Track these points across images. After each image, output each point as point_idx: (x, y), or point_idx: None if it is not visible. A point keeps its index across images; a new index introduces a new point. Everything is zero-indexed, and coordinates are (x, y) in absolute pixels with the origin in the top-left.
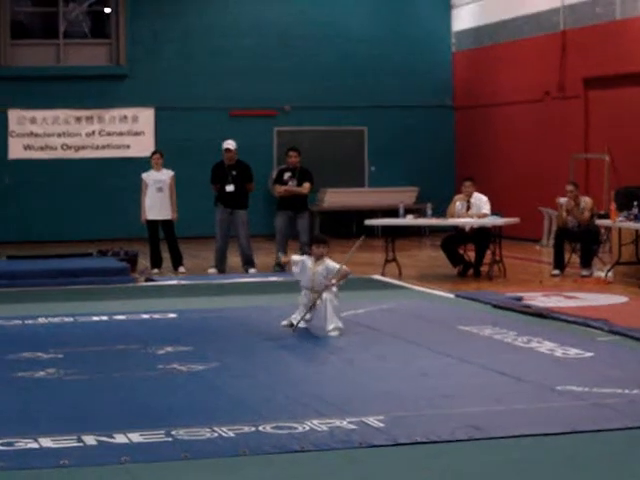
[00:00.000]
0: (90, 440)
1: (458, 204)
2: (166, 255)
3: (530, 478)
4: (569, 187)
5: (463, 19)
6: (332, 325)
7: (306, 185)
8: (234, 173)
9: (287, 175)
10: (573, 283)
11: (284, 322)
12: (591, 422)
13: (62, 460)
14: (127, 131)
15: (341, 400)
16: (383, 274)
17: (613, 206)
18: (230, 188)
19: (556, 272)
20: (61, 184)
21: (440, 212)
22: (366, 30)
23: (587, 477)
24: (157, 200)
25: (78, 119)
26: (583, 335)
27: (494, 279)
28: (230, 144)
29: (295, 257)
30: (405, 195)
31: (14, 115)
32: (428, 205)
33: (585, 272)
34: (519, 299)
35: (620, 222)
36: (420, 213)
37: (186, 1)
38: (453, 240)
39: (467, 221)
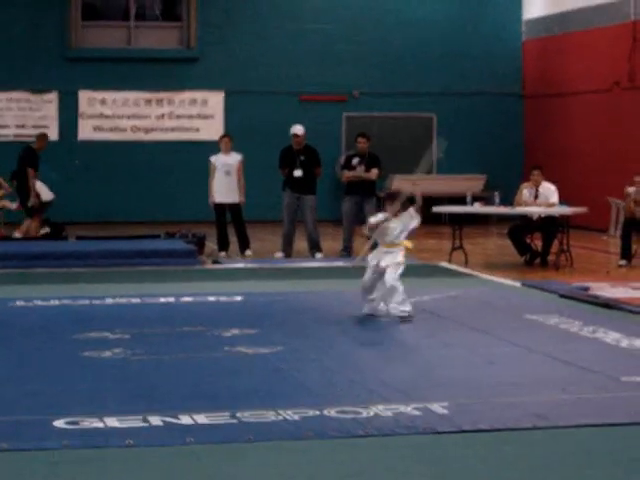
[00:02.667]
0: (156, 420)
1: (526, 192)
2: (233, 238)
3: (593, 467)
4: (638, 178)
5: (534, 7)
6: (400, 308)
7: (374, 171)
8: (302, 158)
9: (355, 160)
10: None
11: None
12: None
13: (127, 440)
14: (197, 114)
15: (406, 386)
16: (450, 261)
17: None
18: (298, 173)
19: (623, 262)
20: (130, 166)
21: (508, 200)
22: (436, 17)
23: None
24: (225, 183)
25: (148, 101)
26: None
27: (561, 268)
28: (298, 129)
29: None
30: (473, 183)
31: (84, 96)
32: (496, 193)
33: None
34: (586, 289)
35: None
36: (488, 201)
37: None
38: (520, 229)
39: (535, 210)
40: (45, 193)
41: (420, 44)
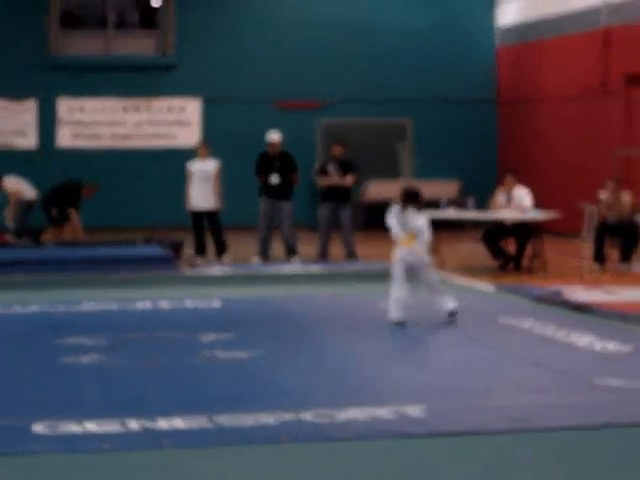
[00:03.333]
0: (133, 425)
1: (500, 197)
2: (210, 244)
3: (567, 470)
4: (610, 183)
5: (508, 15)
6: (452, 305)
7: (349, 177)
8: (278, 164)
9: (331, 167)
10: (613, 278)
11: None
12: (629, 416)
13: (105, 444)
14: (174, 121)
15: (381, 389)
16: None
17: None
18: (274, 179)
19: (596, 266)
20: (108, 173)
21: (482, 205)
22: (411, 24)
23: (625, 472)
24: (202, 190)
25: (125, 108)
26: (622, 329)
27: (534, 273)
28: (274, 136)
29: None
30: (447, 188)
31: (63, 104)
32: (470, 198)
33: (625, 267)
34: (559, 293)
35: None
36: (462, 206)
37: None
38: (494, 233)
39: (509, 215)
40: (28, 192)
41: (395, 51)
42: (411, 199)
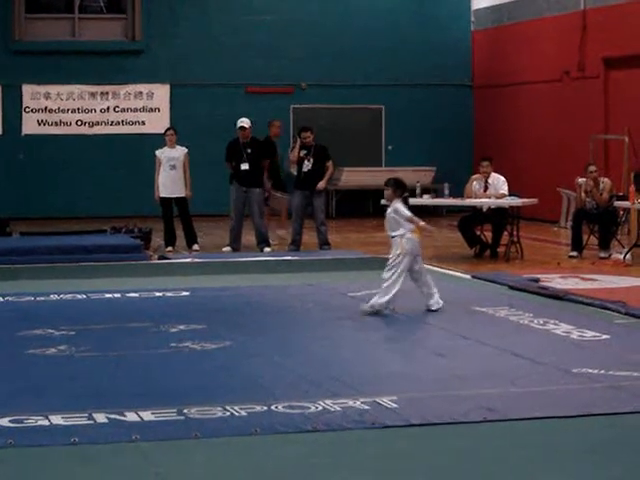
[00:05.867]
0: (101, 418)
1: (475, 184)
2: (180, 233)
3: (544, 460)
4: (589, 168)
5: None
6: (436, 304)
7: (329, 165)
8: (249, 151)
9: (303, 153)
10: (591, 265)
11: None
12: (606, 405)
13: (72, 438)
14: (142, 107)
15: (354, 380)
16: None
17: (632, 188)
18: (245, 166)
19: (574, 254)
20: (75, 160)
21: (457, 192)
22: (385, 7)
23: (602, 460)
24: (170, 177)
25: (93, 95)
26: (600, 317)
27: (511, 260)
28: (245, 122)
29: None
30: (422, 175)
31: (28, 90)
32: (445, 185)
33: (603, 254)
34: (536, 280)
35: (639, 204)
36: (437, 193)
37: None
38: (470, 220)
39: (484, 201)
40: None
41: (368, 35)
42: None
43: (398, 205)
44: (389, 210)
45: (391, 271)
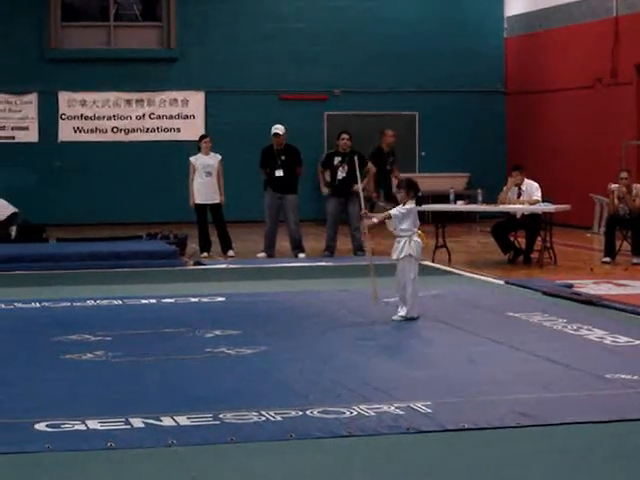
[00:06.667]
0: (137, 423)
1: (509, 192)
2: (215, 239)
3: (578, 465)
4: (623, 174)
5: (515, 4)
6: (400, 312)
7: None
8: (283, 158)
9: (337, 160)
10: (624, 271)
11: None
12: None
13: (109, 442)
14: (177, 114)
15: (389, 385)
16: (433, 260)
17: None
18: (279, 173)
19: (607, 259)
20: (111, 167)
21: (491, 198)
22: (419, 14)
23: (635, 465)
24: (205, 184)
25: (128, 102)
26: (633, 323)
27: (544, 266)
28: (279, 129)
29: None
30: (456, 181)
31: (64, 97)
32: (479, 191)
33: (636, 260)
34: (569, 286)
35: None
36: (470, 199)
37: None
38: (503, 226)
39: (518, 207)
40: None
41: (401, 42)
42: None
43: (413, 206)
44: (400, 208)
45: (410, 279)
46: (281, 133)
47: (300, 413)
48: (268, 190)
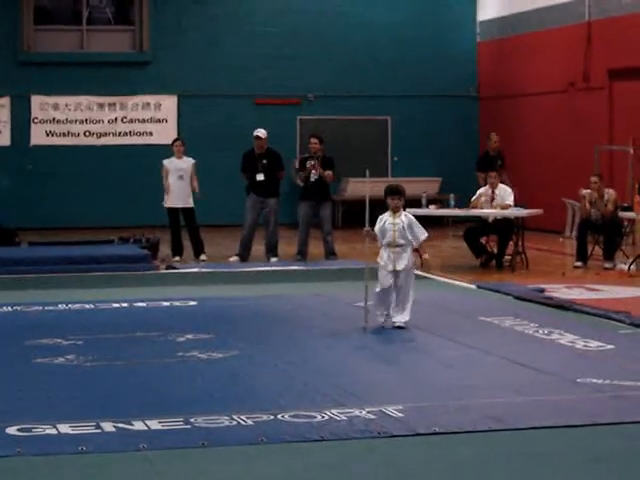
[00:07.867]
0: (108, 427)
1: (481, 196)
2: (187, 243)
3: (550, 469)
4: (593, 179)
5: (488, 9)
6: (403, 318)
7: (329, 172)
8: (264, 162)
9: (309, 163)
10: (595, 275)
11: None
12: (611, 414)
13: (80, 446)
14: (150, 118)
15: (360, 390)
16: None
17: (637, 198)
18: (260, 177)
19: (579, 264)
20: (83, 171)
21: (463, 203)
22: (392, 19)
23: (607, 469)
24: (178, 188)
25: (101, 106)
26: (605, 328)
27: (516, 270)
28: (260, 132)
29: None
30: (428, 185)
31: (36, 101)
32: (451, 196)
33: (608, 264)
34: (541, 291)
35: None
36: (443, 204)
37: None
38: (476, 231)
39: (490, 212)
40: None
41: (374, 47)
42: (389, 194)
43: (412, 218)
44: (402, 220)
45: (410, 288)
46: (262, 137)
47: (271, 417)
48: (251, 195)
